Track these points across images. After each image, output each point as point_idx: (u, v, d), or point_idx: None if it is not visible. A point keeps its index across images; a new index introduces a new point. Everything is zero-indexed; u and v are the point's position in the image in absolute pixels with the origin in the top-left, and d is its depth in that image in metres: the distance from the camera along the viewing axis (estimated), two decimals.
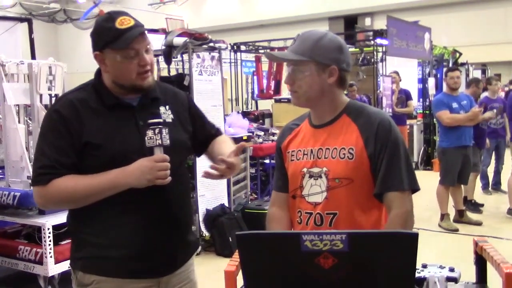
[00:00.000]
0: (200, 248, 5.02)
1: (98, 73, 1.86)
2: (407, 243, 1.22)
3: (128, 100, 1.83)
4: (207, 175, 1.84)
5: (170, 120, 1.88)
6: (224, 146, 2.01)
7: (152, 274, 1.84)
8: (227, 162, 1.81)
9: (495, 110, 6.79)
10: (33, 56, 6.33)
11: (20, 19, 7.10)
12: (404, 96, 9.16)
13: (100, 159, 1.74)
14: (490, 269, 1.61)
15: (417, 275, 1.53)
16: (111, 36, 1.72)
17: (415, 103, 11.13)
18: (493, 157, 7.60)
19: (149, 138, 1.73)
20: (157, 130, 1.72)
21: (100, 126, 1.76)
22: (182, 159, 1.93)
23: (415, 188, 1.78)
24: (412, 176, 1.78)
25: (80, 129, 1.74)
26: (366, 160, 1.75)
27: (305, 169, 1.83)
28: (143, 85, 1.80)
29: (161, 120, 1.79)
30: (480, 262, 1.63)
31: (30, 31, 6.57)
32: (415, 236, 1.22)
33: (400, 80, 9.28)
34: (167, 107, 1.91)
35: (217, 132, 2.13)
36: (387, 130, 1.76)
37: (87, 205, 1.77)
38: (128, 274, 1.80)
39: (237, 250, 1.36)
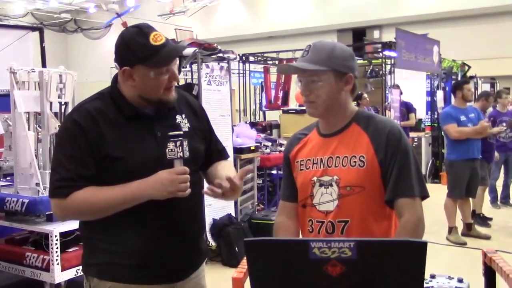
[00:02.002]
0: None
1: (115, 81, 1.85)
2: (416, 252, 1.22)
3: (146, 111, 1.82)
4: (210, 191, 1.81)
5: (187, 129, 1.88)
6: (228, 170, 1.99)
7: (166, 280, 1.84)
8: (232, 183, 1.79)
9: (504, 124, 6.76)
10: (43, 65, 6.37)
11: (32, 28, 7.16)
12: (405, 109, 9.13)
13: (119, 171, 1.74)
14: (499, 281, 1.60)
15: (425, 285, 1.53)
16: (146, 53, 1.70)
17: (423, 116, 11.11)
18: (502, 170, 7.56)
19: (170, 150, 1.72)
20: (178, 143, 1.72)
21: (119, 138, 1.75)
22: (196, 167, 1.92)
23: (424, 195, 1.79)
24: (422, 183, 1.79)
25: (100, 141, 1.73)
26: (377, 167, 1.76)
27: (315, 178, 1.83)
28: (169, 100, 1.81)
29: (181, 133, 1.79)
30: (489, 273, 1.62)
31: (41, 40, 6.62)
32: (424, 245, 1.21)
33: (402, 93, 9.28)
34: (183, 115, 1.91)
35: (222, 152, 2.09)
36: (397, 137, 1.78)
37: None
38: (143, 280, 1.80)
39: (245, 257, 1.36)
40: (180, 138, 1.73)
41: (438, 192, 6.30)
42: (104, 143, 1.73)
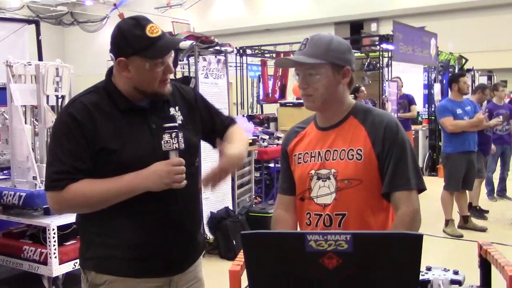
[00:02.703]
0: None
1: (109, 75, 1.85)
2: (412, 245, 1.23)
3: (140, 104, 1.83)
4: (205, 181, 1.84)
5: (180, 122, 1.88)
6: (235, 138, 1.98)
7: (163, 273, 1.85)
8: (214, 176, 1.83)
9: (501, 117, 6.77)
10: (40, 58, 6.35)
11: (28, 21, 7.13)
12: (407, 101, 9.13)
13: (114, 163, 1.74)
14: (494, 273, 1.61)
15: (421, 277, 1.54)
16: (142, 45, 1.71)
17: (420, 109, 11.12)
18: (499, 163, 7.58)
19: (165, 142, 1.72)
20: (173, 134, 1.72)
21: (114, 130, 1.76)
22: (192, 160, 1.92)
23: (421, 188, 1.79)
24: (419, 176, 1.80)
25: (95, 134, 1.73)
26: (375, 160, 1.77)
27: (313, 171, 1.84)
28: (164, 93, 1.82)
29: (176, 124, 1.79)
30: (485, 265, 1.63)
31: (38, 33, 6.59)
32: (419, 238, 1.22)
33: (402, 86, 9.28)
34: (176, 108, 1.91)
35: (231, 122, 2.10)
36: (394, 131, 1.79)
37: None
38: (140, 273, 1.80)
39: (241, 250, 1.36)
40: (175, 130, 1.73)
41: (435, 184, 6.31)
42: (99, 136, 1.74)
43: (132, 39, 1.73)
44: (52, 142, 1.82)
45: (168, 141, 1.72)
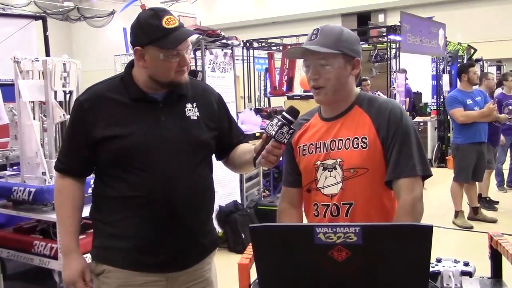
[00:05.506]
0: None
1: (130, 66, 1.90)
2: (422, 236, 1.21)
3: (153, 95, 1.85)
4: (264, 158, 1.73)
5: (195, 118, 1.89)
6: (248, 147, 1.98)
7: (159, 268, 1.84)
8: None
9: (510, 107, 6.71)
10: (47, 54, 6.35)
11: (35, 17, 7.12)
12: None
13: (116, 149, 1.78)
14: (505, 264, 1.60)
15: (431, 269, 1.53)
16: (157, 35, 1.75)
17: (428, 100, 11.05)
18: (508, 154, 7.52)
19: (270, 124, 1.68)
20: (281, 124, 1.67)
21: (121, 118, 1.80)
22: (202, 158, 1.92)
23: (427, 174, 1.76)
24: (425, 162, 1.77)
25: (97, 122, 1.79)
26: (380, 148, 1.75)
27: (318, 162, 1.83)
28: (180, 81, 1.84)
29: (293, 121, 1.71)
30: (495, 256, 1.62)
31: (45, 29, 6.59)
32: (429, 229, 1.21)
33: (407, 79, 9.21)
34: (194, 104, 1.92)
35: (243, 140, 2.10)
36: (398, 117, 1.77)
37: (106, 197, 1.84)
38: (136, 266, 1.82)
39: (250, 243, 1.36)
40: (287, 124, 1.67)
41: (444, 176, 6.28)
42: (101, 123, 1.79)
43: (147, 29, 1.77)
44: (66, 127, 2.05)
45: (272, 125, 1.68)
